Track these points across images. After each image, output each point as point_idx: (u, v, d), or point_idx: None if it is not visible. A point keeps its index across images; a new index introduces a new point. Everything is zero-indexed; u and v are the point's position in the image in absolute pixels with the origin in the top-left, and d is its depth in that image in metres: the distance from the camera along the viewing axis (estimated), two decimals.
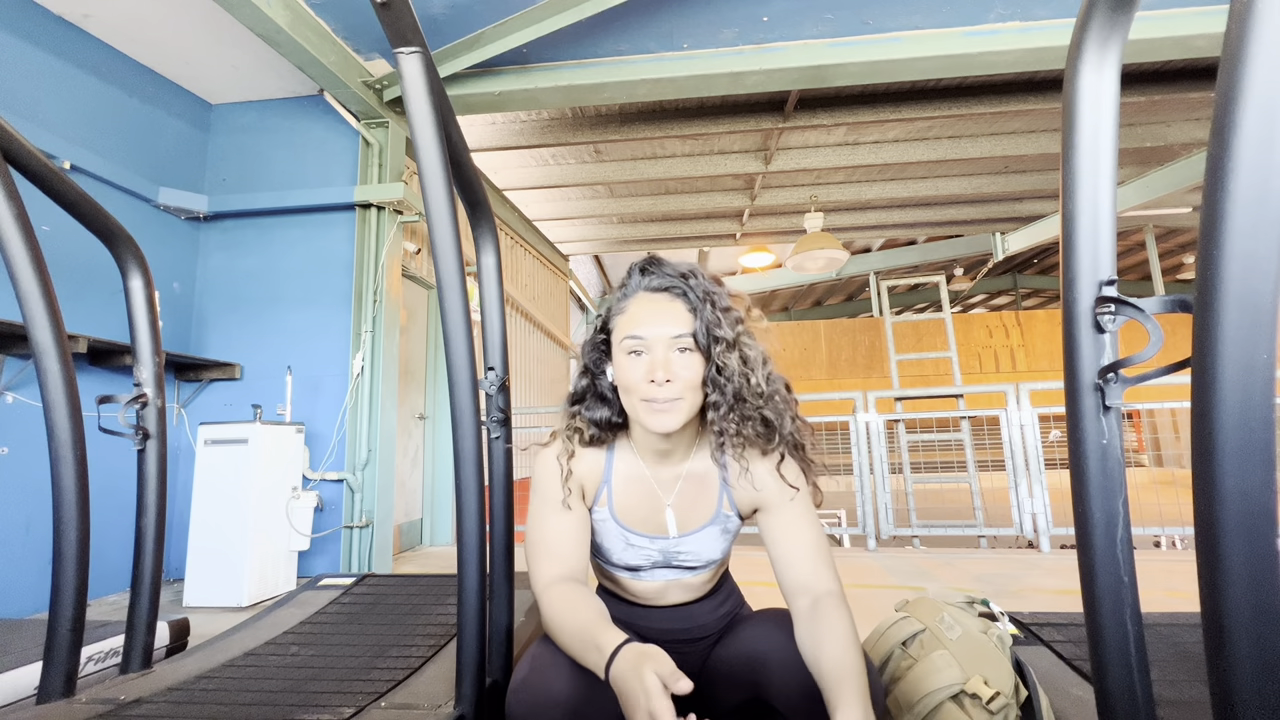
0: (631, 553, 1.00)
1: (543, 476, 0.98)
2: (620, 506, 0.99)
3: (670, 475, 0.99)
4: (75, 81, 2.97)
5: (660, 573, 1.01)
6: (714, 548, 1.00)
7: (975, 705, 0.95)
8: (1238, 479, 0.51)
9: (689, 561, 1.00)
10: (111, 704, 1.13)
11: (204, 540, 2.80)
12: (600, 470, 1.00)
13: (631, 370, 0.89)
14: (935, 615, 1.14)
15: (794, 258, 5.88)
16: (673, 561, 1.00)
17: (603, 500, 1.00)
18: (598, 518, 1.00)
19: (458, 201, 1.11)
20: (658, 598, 1.03)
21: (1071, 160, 0.71)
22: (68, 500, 1.19)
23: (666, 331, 0.89)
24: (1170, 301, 0.63)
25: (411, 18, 0.95)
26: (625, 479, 1.00)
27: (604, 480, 1.00)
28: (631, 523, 0.99)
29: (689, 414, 0.90)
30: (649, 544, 0.99)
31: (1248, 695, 0.52)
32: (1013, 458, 3.82)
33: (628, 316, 0.93)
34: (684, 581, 1.02)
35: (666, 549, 0.99)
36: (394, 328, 3.50)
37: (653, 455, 0.99)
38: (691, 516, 0.99)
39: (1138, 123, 4.59)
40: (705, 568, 1.02)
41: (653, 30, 3.09)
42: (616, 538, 1.00)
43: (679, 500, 0.99)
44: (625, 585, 1.04)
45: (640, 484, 0.99)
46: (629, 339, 0.90)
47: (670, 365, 0.88)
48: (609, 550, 1.01)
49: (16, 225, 1.13)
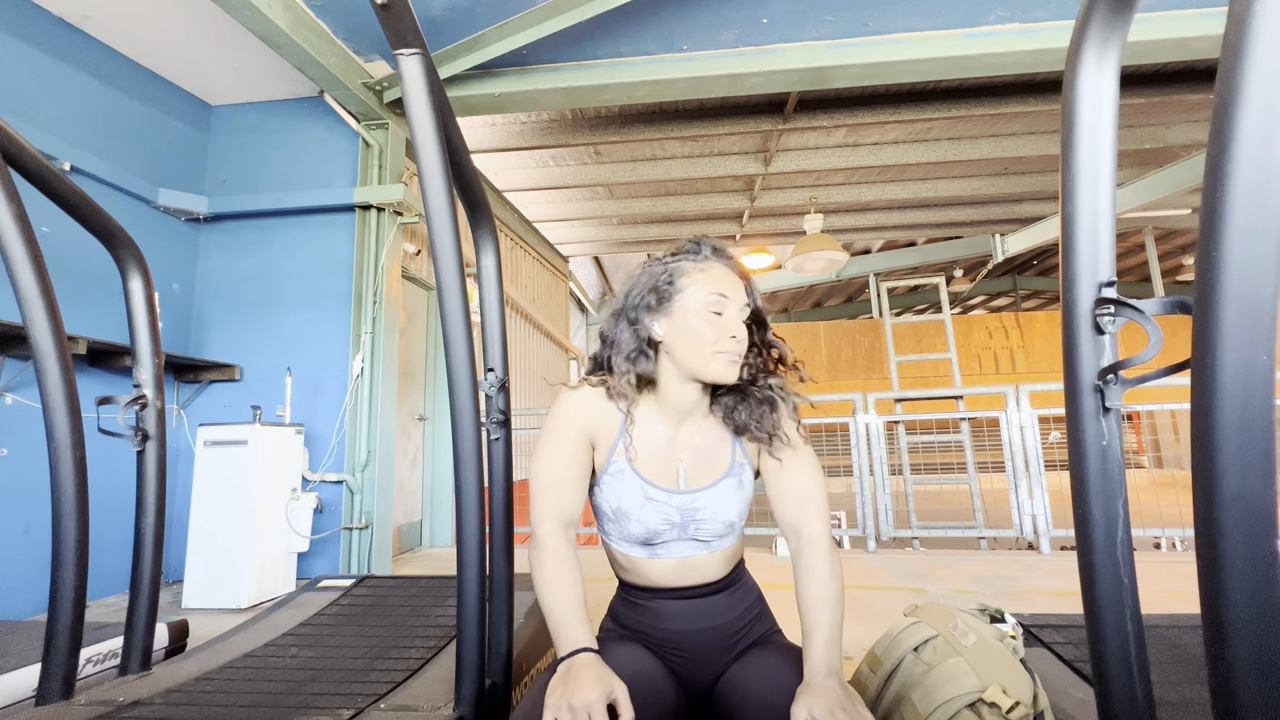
0: (650, 509, 1.00)
1: (558, 416, 1.03)
2: (639, 457, 1.02)
3: (687, 433, 1.05)
4: (75, 83, 2.97)
5: (677, 547, 1.01)
6: (729, 507, 1.02)
7: (994, 714, 0.94)
8: (1238, 480, 0.51)
9: (706, 526, 1.01)
10: (110, 706, 1.12)
11: (203, 542, 2.80)
12: (618, 423, 1.04)
13: (711, 326, 0.98)
14: (948, 621, 1.12)
15: (794, 259, 5.88)
16: (690, 524, 1.01)
17: (619, 452, 1.02)
18: (615, 469, 1.01)
19: (458, 203, 1.12)
20: (672, 579, 1.02)
21: (1071, 162, 0.71)
22: (67, 501, 1.18)
23: (742, 298, 1.01)
24: (1170, 303, 0.63)
25: (411, 19, 0.95)
26: (644, 433, 1.04)
27: (621, 431, 1.03)
28: (650, 473, 1.02)
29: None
30: (667, 499, 1.00)
31: (1248, 696, 0.52)
32: (1013, 459, 3.82)
33: (711, 277, 1.00)
34: (699, 561, 1.02)
35: (684, 507, 1.00)
36: (394, 329, 3.50)
37: (675, 413, 1.04)
38: (707, 471, 1.03)
39: (1137, 124, 4.59)
40: (721, 540, 1.03)
41: (653, 32, 3.10)
42: (635, 491, 1.00)
43: (693, 457, 1.04)
44: (642, 570, 1.03)
45: (658, 439, 1.04)
46: (717, 296, 0.99)
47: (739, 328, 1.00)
48: (627, 511, 1.00)
49: (16, 226, 1.13)
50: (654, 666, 0.95)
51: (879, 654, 1.18)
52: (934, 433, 4.60)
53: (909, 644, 1.13)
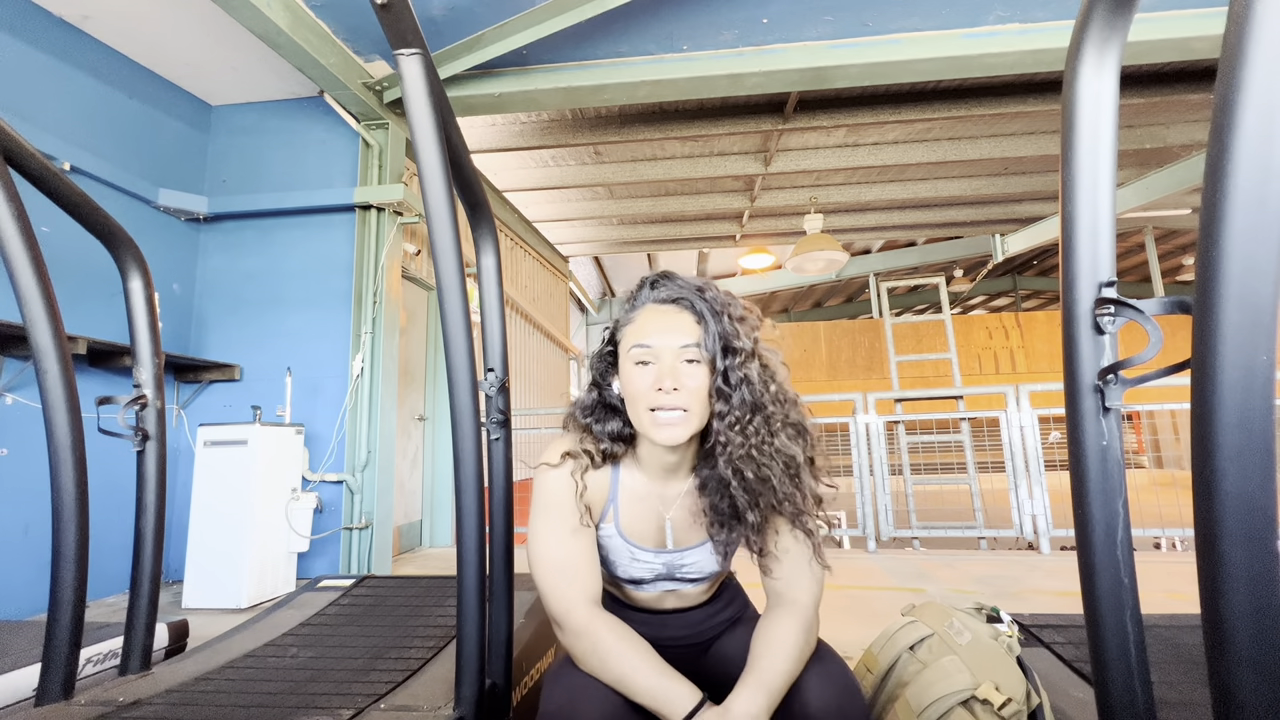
0: (636, 566, 1.01)
1: (555, 494, 0.95)
2: (626, 523, 1.00)
3: (674, 491, 1.00)
4: (75, 83, 2.97)
5: (662, 584, 1.03)
6: (714, 561, 1.02)
7: (987, 711, 0.94)
8: (1238, 481, 0.51)
9: (690, 574, 1.02)
10: (110, 706, 1.12)
11: (203, 542, 2.79)
12: (606, 489, 1.00)
13: (639, 379, 0.89)
14: (944, 620, 1.13)
15: (794, 259, 5.88)
16: (675, 574, 1.02)
17: (609, 518, 1.00)
18: (604, 534, 1.01)
19: (458, 203, 1.11)
20: (655, 604, 1.05)
21: (1071, 162, 0.71)
22: (67, 501, 1.18)
23: (674, 341, 0.89)
24: (1170, 303, 0.63)
25: (411, 19, 0.95)
26: (631, 496, 1.00)
27: (610, 499, 1.00)
28: (637, 538, 1.00)
29: (696, 426, 0.90)
30: (653, 558, 1.00)
31: (1248, 697, 0.52)
32: (1012, 459, 3.82)
33: (635, 327, 0.93)
34: (682, 591, 1.04)
35: (670, 562, 1.01)
36: (394, 329, 3.50)
37: (659, 471, 0.98)
38: (693, 531, 1.00)
39: (1137, 124, 4.59)
40: (705, 579, 1.04)
41: (653, 32, 3.09)
42: (623, 553, 1.01)
43: (680, 514, 1.00)
44: (627, 593, 1.06)
45: (645, 501, 1.00)
46: (636, 348, 0.90)
47: (678, 374, 0.87)
48: (614, 564, 1.02)
49: (16, 226, 1.13)
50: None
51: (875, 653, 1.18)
52: (934, 433, 4.60)
53: (905, 643, 1.13)
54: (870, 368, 9.08)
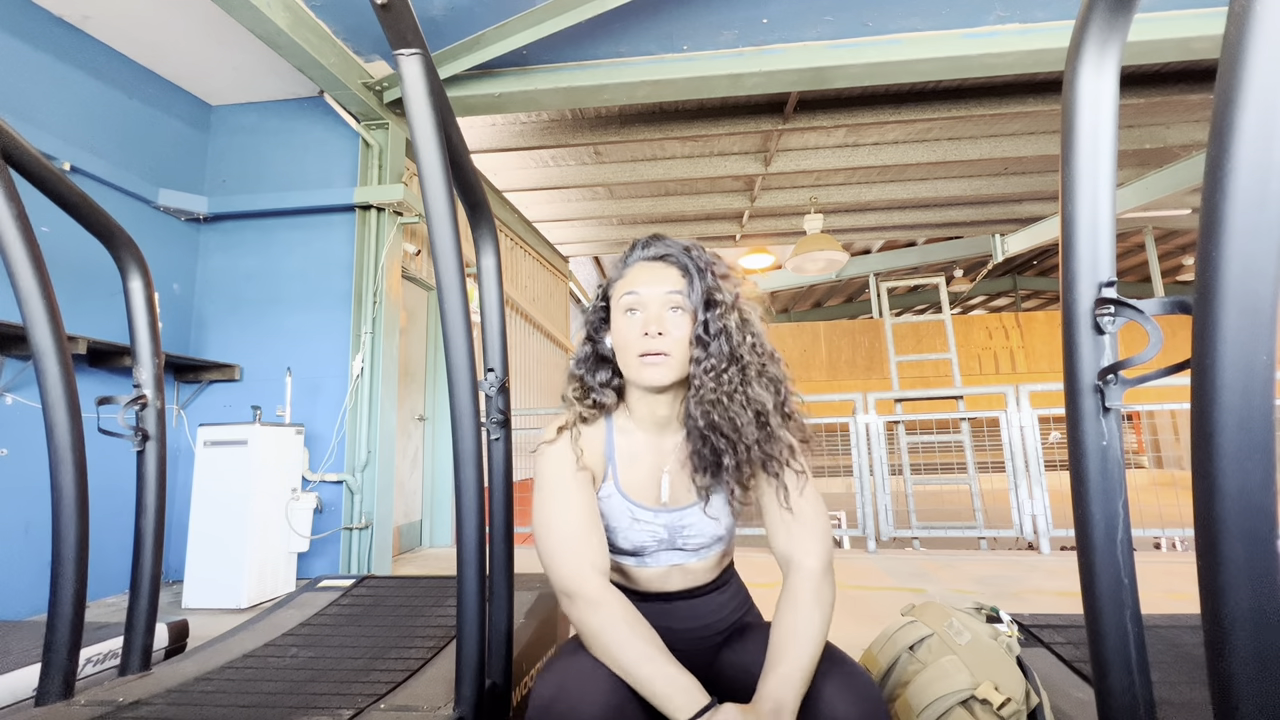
0: (638, 529, 1.01)
1: (557, 468, 0.99)
2: (625, 480, 1.02)
3: (669, 446, 1.03)
4: (75, 83, 2.97)
5: (664, 555, 1.02)
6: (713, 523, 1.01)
7: (986, 711, 0.94)
8: (1238, 480, 0.51)
9: (693, 538, 1.01)
10: (110, 706, 1.12)
11: (203, 542, 2.79)
12: (602, 449, 1.03)
13: (628, 328, 0.96)
14: (943, 620, 1.13)
15: (794, 259, 5.88)
16: (676, 539, 1.01)
17: (608, 478, 1.02)
18: (603, 494, 1.02)
19: (458, 203, 1.12)
20: (661, 584, 1.04)
21: (1071, 162, 0.71)
22: (67, 502, 1.18)
23: (660, 290, 0.96)
24: (1170, 303, 0.63)
25: (411, 19, 0.95)
26: (627, 453, 1.03)
27: (607, 458, 1.03)
28: (636, 496, 1.01)
29: (679, 371, 0.96)
30: (653, 518, 1.01)
31: (1248, 696, 0.52)
32: (1013, 459, 3.82)
33: (626, 279, 1.00)
34: (687, 567, 1.03)
35: (670, 524, 1.01)
36: (394, 329, 3.50)
37: (652, 425, 1.02)
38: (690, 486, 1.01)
39: (1137, 124, 4.60)
40: (709, 548, 1.03)
41: (653, 32, 3.10)
42: (623, 513, 1.01)
43: (678, 469, 1.02)
44: (630, 574, 1.05)
45: (642, 456, 1.03)
46: (627, 295, 0.97)
47: (663, 320, 0.95)
48: (615, 530, 1.02)
49: (16, 226, 1.13)
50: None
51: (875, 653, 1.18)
52: (934, 433, 4.60)
53: (904, 643, 1.14)
54: (870, 368, 9.09)
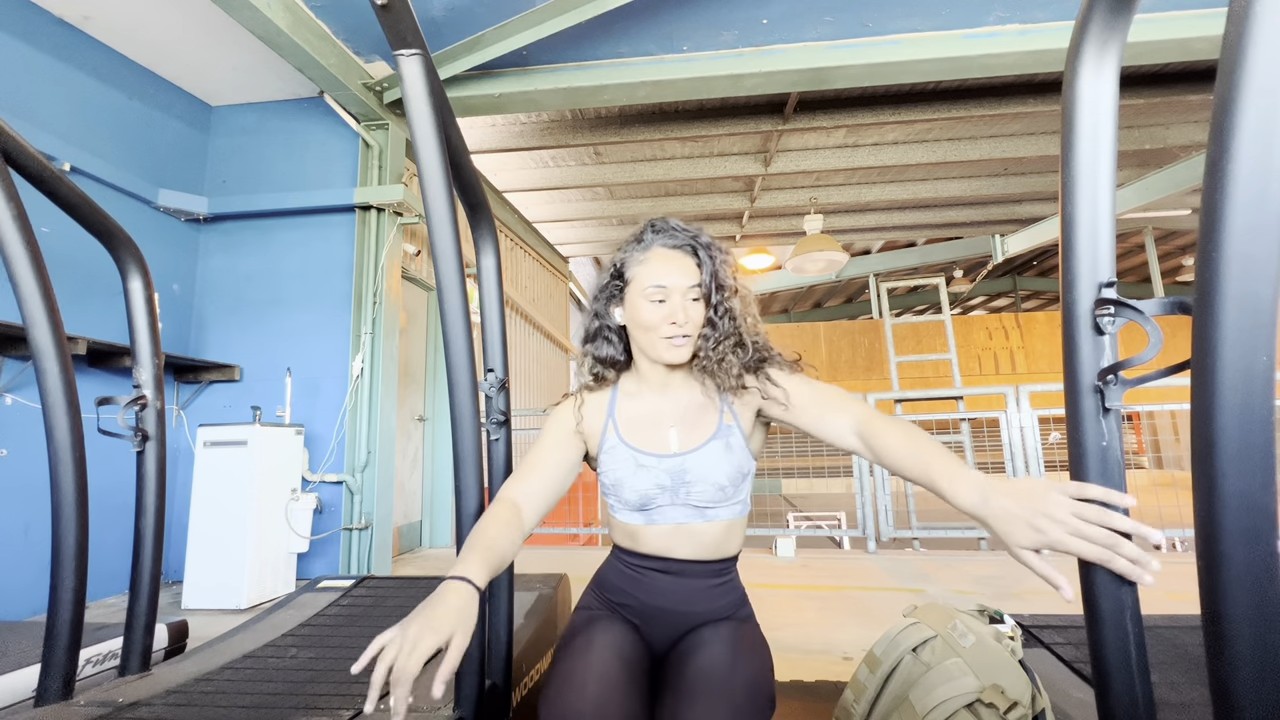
0: (642, 476, 1.04)
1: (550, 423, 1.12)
2: (627, 431, 1.09)
3: (673, 400, 1.10)
4: (75, 83, 2.97)
5: (671, 512, 1.04)
6: (718, 469, 1.03)
7: (992, 715, 0.94)
8: (1238, 481, 0.51)
9: (697, 489, 1.03)
10: (110, 707, 1.12)
11: (203, 542, 2.80)
12: (604, 410, 1.12)
13: (653, 313, 1.05)
14: (947, 622, 1.12)
15: (793, 260, 5.88)
16: (680, 489, 1.03)
17: (610, 432, 1.09)
18: (609, 445, 1.08)
19: (458, 203, 1.12)
20: (668, 546, 1.05)
21: (1071, 162, 0.71)
22: (66, 502, 1.18)
23: (684, 282, 1.06)
24: (1170, 303, 0.63)
25: (411, 20, 0.95)
26: (630, 410, 1.11)
27: (608, 415, 1.11)
28: (639, 442, 1.07)
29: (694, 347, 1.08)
30: (657, 464, 1.05)
31: (1248, 697, 0.52)
32: (1012, 460, 3.82)
33: (650, 268, 1.07)
34: (693, 529, 1.04)
35: (674, 470, 1.04)
36: (394, 329, 3.50)
37: (657, 384, 1.11)
38: (694, 435, 1.07)
39: (1137, 125, 4.60)
40: (715, 508, 1.04)
41: (653, 33, 3.10)
42: (627, 460, 1.06)
43: (682, 423, 1.08)
44: (638, 535, 1.07)
45: (645, 411, 1.10)
46: (654, 287, 1.05)
47: (686, 310, 1.05)
48: (621, 482, 1.06)
49: (16, 226, 1.13)
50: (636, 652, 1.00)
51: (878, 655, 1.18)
52: (934, 433, 4.60)
53: (908, 644, 1.13)
54: (870, 368, 9.09)
